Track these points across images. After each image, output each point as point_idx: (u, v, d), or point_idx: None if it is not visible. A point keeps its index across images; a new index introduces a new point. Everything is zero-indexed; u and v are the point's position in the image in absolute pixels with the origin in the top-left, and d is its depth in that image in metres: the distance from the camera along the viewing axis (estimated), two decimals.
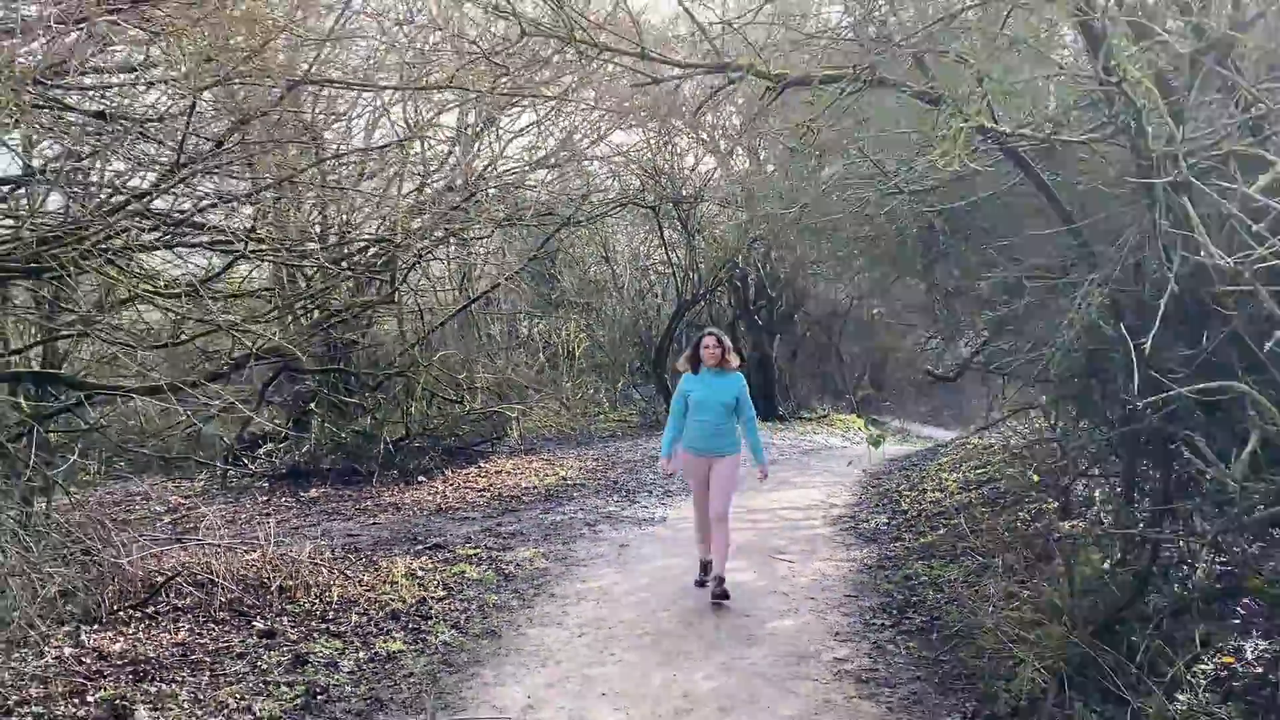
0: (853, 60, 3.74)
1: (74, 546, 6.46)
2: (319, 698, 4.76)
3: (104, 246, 6.10)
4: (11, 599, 4.88)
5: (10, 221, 6.60)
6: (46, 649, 5.50)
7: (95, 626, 5.94)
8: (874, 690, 4.68)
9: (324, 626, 5.93)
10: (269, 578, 6.69)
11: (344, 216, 8.81)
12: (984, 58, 3.14)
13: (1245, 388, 2.52)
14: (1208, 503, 3.33)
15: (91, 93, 6.78)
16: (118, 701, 4.76)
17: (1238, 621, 5.00)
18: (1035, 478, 7.44)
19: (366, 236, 7.82)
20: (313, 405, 11.90)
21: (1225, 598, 4.48)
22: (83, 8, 5.44)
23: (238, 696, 4.80)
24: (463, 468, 11.75)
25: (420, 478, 11.14)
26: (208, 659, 5.42)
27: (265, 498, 10.41)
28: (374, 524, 9.01)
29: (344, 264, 7.87)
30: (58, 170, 5.48)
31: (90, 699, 4.83)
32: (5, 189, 6.05)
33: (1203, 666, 4.52)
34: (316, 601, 6.38)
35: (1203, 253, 2.36)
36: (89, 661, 5.40)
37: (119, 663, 5.38)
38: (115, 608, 6.20)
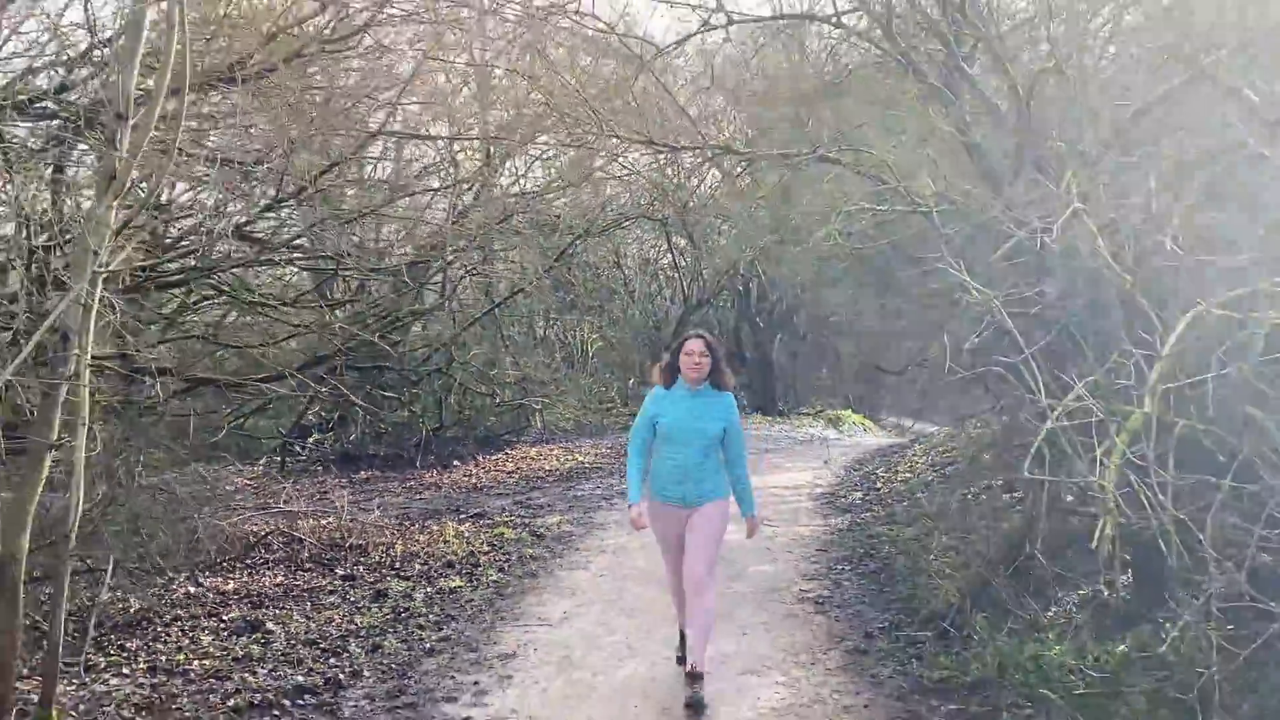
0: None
1: (181, 509, 7.94)
2: (403, 614, 6.21)
3: (216, 264, 7.59)
4: (167, 543, 6.32)
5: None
6: (175, 586, 6.98)
7: (206, 574, 7.40)
8: (826, 609, 6.12)
9: (394, 572, 7.37)
10: (343, 538, 8.17)
11: (399, 235, 10.28)
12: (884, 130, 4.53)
13: (999, 370, 3.93)
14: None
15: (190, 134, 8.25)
16: (248, 618, 6.20)
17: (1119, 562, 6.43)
18: (987, 458, 8.85)
19: (425, 256, 9.26)
20: (354, 398, 13.36)
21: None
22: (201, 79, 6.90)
23: (340, 614, 6.25)
24: (492, 454, 13.21)
25: (455, 462, 12.59)
26: (306, 594, 6.87)
27: (320, 480, 11.88)
28: (420, 499, 10.48)
29: (411, 277, 9.33)
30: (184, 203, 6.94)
31: (225, 618, 6.28)
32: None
33: (1080, 592, 5.94)
34: (384, 555, 7.81)
35: (972, 292, 3.78)
36: (212, 596, 6.86)
37: (235, 596, 6.83)
38: (219, 560, 7.67)
